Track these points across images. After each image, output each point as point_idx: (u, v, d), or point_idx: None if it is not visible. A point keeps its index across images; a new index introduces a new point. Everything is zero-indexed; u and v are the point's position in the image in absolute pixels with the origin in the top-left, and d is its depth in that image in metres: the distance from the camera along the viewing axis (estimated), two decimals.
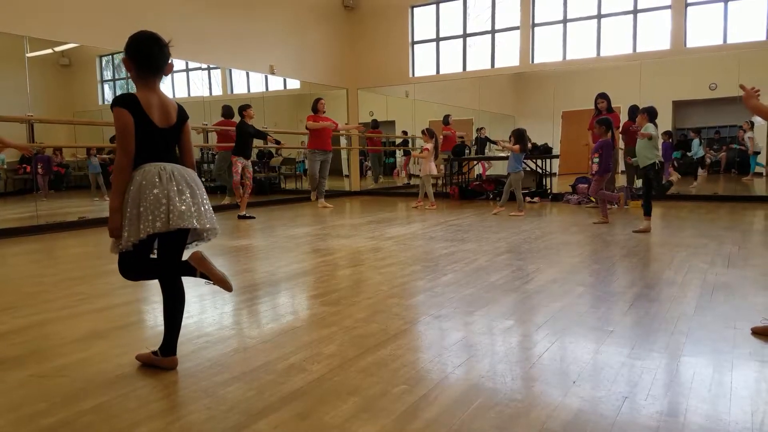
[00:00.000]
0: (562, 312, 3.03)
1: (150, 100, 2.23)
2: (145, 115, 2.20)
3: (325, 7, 12.08)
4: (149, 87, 2.27)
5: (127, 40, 2.26)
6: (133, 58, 2.24)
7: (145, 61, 2.24)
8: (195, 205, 2.21)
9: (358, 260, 4.69)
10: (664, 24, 10.01)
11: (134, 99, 2.19)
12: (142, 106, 2.20)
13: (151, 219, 2.12)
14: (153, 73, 2.27)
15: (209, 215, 2.28)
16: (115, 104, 2.17)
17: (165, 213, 2.13)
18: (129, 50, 2.25)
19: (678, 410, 1.87)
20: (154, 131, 2.22)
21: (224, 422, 1.85)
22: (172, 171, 2.21)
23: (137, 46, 2.24)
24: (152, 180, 2.15)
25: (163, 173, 2.17)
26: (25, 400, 2.08)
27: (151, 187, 2.13)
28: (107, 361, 2.45)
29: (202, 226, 2.24)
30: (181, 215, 2.14)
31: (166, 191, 2.14)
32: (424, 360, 2.39)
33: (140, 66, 2.25)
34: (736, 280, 3.68)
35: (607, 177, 6.87)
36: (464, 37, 12.01)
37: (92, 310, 3.27)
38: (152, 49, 2.25)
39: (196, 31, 9.42)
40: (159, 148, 2.24)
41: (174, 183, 2.18)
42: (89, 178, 10.80)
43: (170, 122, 2.29)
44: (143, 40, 2.25)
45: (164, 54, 2.27)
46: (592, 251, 4.91)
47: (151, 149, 2.22)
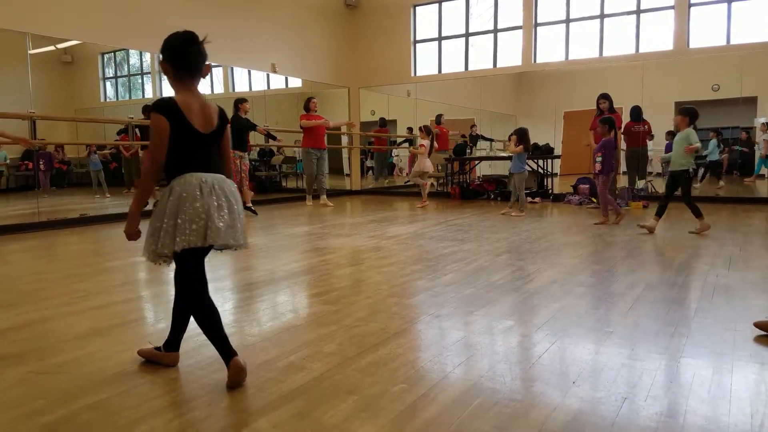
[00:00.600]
0: (562, 312, 3.03)
1: (190, 103, 2.13)
2: (186, 121, 2.10)
3: (327, 6, 12.07)
4: (188, 89, 2.17)
5: (164, 41, 2.18)
6: (170, 59, 2.16)
7: (183, 62, 2.16)
8: (231, 221, 2.13)
9: (359, 259, 4.69)
10: (667, 24, 9.99)
11: (173, 103, 2.09)
12: (182, 110, 2.10)
13: (188, 233, 2.04)
14: (191, 74, 2.18)
15: (242, 230, 2.21)
16: (152, 109, 2.08)
17: (203, 228, 2.06)
18: (166, 51, 2.17)
19: (677, 411, 1.87)
20: (195, 137, 2.12)
21: (224, 420, 1.85)
22: (213, 184, 2.11)
23: (174, 47, 2.16)
24: (193, 193, 2.06)
25: (204, 186, 2.08)
26: (25, 397, 2.08)
27: (192, 201, 2.05)
28: (107, 359, 2.45)
29: (236, 242, 2.17)
30: (218, 232, 2.07)
31: (207, 206, 2.06)
32: (423, 359, 2.39)
33: (178, 67, 2.16)
34: (737, 282, 3.68)
35: (611, 176, 6.85)
36: (466, 37, 12.00)
37: (92, 308, 3.27)
38: (190, 49, 2.16)
39: (197, 28, 9.34)
40: (200, 155, 2.14)
41: (214, 197, 2.09)
42: (91, 176, 10.81)
43: (212, 126, 2.19)
44: (180, 40, 2.15)
45: (201, 53, 2.18)
46: (592, 252, 4.91)
47: (192, 157, 2.12)
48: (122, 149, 10.79)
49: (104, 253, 5.28)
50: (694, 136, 5.64)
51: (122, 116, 10.02)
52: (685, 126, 5.71)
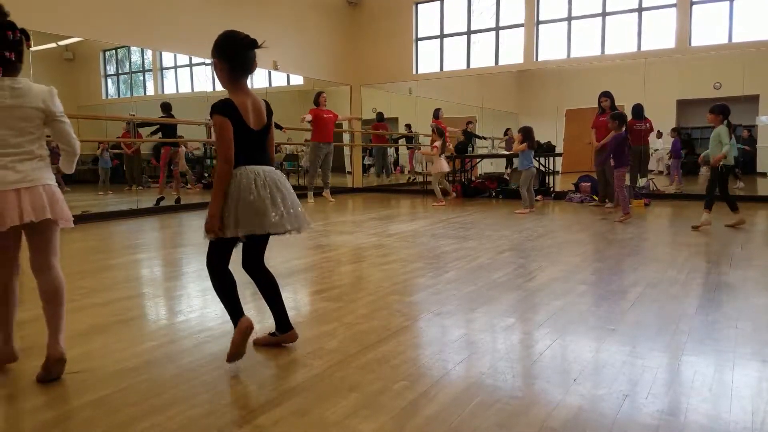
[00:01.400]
0: (564, 310, 3.03)
1: (245, 103, 2.25)
2: (243, 121, 2.22)
3: (328, 3, 12.05)
4: (242, 89, 2.27)
5: (217, 39, 2.24)
6: (228, 59, 2.23)
7: (240, 64, 2.24)
8: (286, 210, 2.30)
9: (360, 257, 4.69)
10: (669, 22, 9.96)
11: (232, 106, 2.20)
12: (240, 111, 2.22)
13: (248, 222, 2.21)
14: (246, 75, 2.29)
15: (297, 215, 2.36)
16: (215, 112, 2.19)
17: (260, 219, 2.22)
18: (224, 51, 2.23)
19: (679, 409, 1.87)
20: (250, 135, 2.26)
21: (225, 417, 1.85)
22: (266, 177, 2.27)
23: (234, 49, 2.22)
24: (249, 186, 2.22)
25: (258, 179, 2.24)
26: (25, 393, 2.08)
27: (248, 193, 2.21)
28: (108, 355, 2.45)
29: (292, 228, 2.33)
30: (274, 224, 2.25)
31: (262, 198, 2.23)
32: (424, 357, 2.39)
33: (235, 68, 2.24)
34: (739, 280, 3.67)
35: (626, 170, 6.87)
36: (468, 34, 11.98)
37: (94, 305, 3.28)
38: (243, 49, 2.22)
39: (199, 26, 9.41)
40: (254, 150, 2.29)
41: (268, 190, 2.26)
42: (99, 173, 10.83)
43: (263, 123, 2.32)
44: (241, 44, 2.22)
45: (253, 53, 2.26)
46: (594, 250, 4.91)
47: (248, 152, 2.27)
48: (124, 146, 10.80)
49: (106, 251, 5.28)
50: (725, 134, 5.66)
51: (124, 113, 10.03)
52: (718, 123, 5.74)
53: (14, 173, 2.05)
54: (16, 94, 2.06)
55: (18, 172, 2.06)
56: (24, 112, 2.08)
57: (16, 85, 2.07)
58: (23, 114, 2.08)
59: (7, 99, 2.04)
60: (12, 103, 2.05)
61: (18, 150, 2.07)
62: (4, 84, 2.05)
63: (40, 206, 2.08)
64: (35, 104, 2.10)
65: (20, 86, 2.08)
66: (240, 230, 2.22)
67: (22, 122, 2.08)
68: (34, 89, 2.11)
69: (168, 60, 10.61)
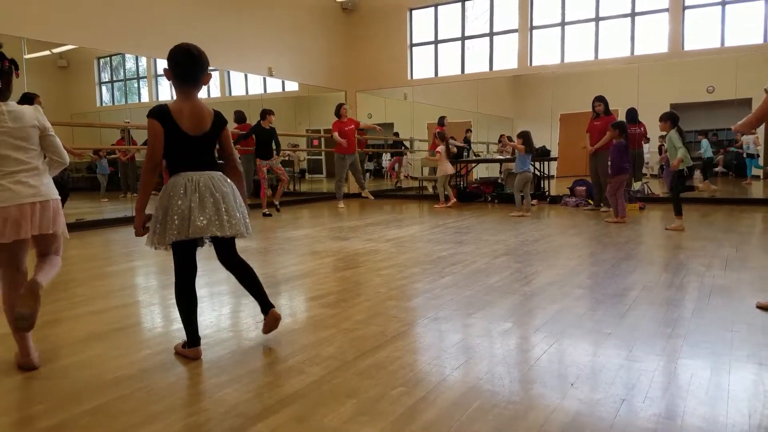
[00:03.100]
0: (561, 314, 3.04)
1: (182, 109, 2.35)
2: (175, 124, 2.32)
3: (323, 9, 12.09)
4: (185, 96, 2.39)
5: (168, 52, 2.37)
6: (170, 69, 2.38)
7: (179, 74, 2.37)
8: (217, 215, 2.35)
9: (357, 262, 4.69)
10: (662, 27, 10.03)
11: (165, 109, 2.33)
12: (173, 115, 2.32)
13: (174, 228, 2.30)
14: (189, 83, 2.39)
15: (234, 222, 2.41)
16: (148, 115, 2.32)
17: (186, 225, 2.30)
18: (168, 62, 2.39)
19: (676, 413, 1.87)
20: (183, 139, 2.34)
21: (222, 424, 1.85)
22: (198, 182, 2.34)
23: (173, 59, 2.36)
24: (178, 192, 2.31)
25: (188, 185, 2.32)
26: (24, 401, 2.07)
27: (176, 199, 2.30)
28: (106, 363, 2.44)
29: (222, 234, 2.39)
30: (200, 228, 2.31)
31: (189, 203, 2.30)
32: (422, 362, 2.39)
33: (176, 77, 2.37)
34: (734, 282, 3.69)
35: (622, 178, 6.98)
36: (462, 40, 12.03)
37: (90, 312, 3.27)
38: (187, 62, 2.36)
39: (194, 32, 9.41)
40: (190, 155, 2.38)
41: (197, 194, 2.32)
42: (99, 179, 10.81)
43: (203, 130, 2.39)
44: (179, 53, 2.35)
45: (199, 66, 2.37)
46: (590, 254, 4.92)
47: (183, 156, 2.37)
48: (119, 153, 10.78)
49: (102, 258, 5.26)
50: (676, 139, 5.96)
51: (118, 121, 10.01)
52: (668, 129, 6.06)
53: (28, 188, 2.26)
54: (13, 117, 2.26)
55: (31, 187, 2.27)
56: (24, 131, 2.29)
57: (11, 108, 2.27)
58: (24, 134, 2.29)
59: (8, 122, 2.24)
60: (13, 125, 2.26)
61: (26, 166, 2.28)
62: (2, 110, 2.25)
63: (50, 220, 2.32)
64: (32, 123, 2.31)
65: (15, 109, 2.28)
66: (167, 237, 2.30)
67: (24, 141, 2.29)
68: (25, 110, 2.31)
69: (162, 67, 10.61)
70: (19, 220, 2.21)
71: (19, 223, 2.21)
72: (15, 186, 2.23)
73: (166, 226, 2.30)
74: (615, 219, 6.91)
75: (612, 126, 7.20)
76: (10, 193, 2.22)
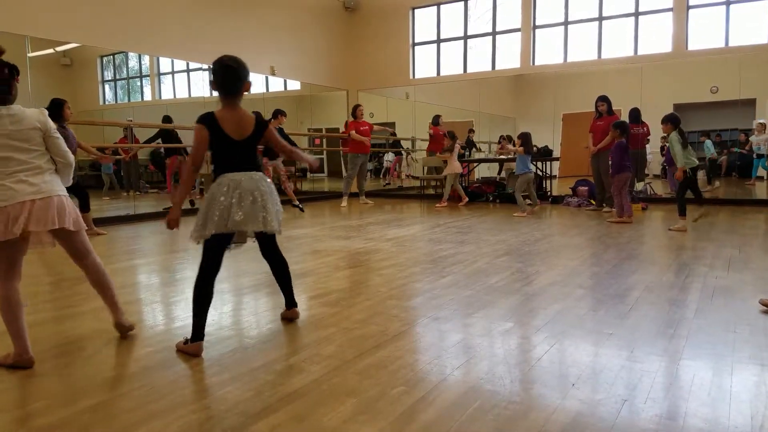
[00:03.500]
0: (562, 314, 3.03)
1: (227, 116, 2.57)
2: (221, 130, 2.54)
3: (325, 9, 12.08)
4: (228, 105, 2.62)
5: (212, 63, 2.62)
6: (214, 81, 2.62)
7: (221, 86, 2.60)
8: (254, 211, 2.56)
9: (358, 261, 4.69)
10: (666, 27, 10.01)
11: (212, 117, 2.55)
12: (219, 122, 2.54)
13: (213, 222, 2.50)
14: (230, 94, 2.61)
15: (270, 218, 2.63)
16: (197, 121, 2.55)
17: (225, 219, 2.50)
18: (212, 74, 2.64)
19: (677, 413, 1.87)
20: (228, 143, 2.57)
21: (223, 423, 1.85)
22: (240, 181, 2.56)
23: (216, 73, 2.61)
24: (221, 190, 2.53)
25: (231, 184, 2.54)
26: (24, 399, 2.08)
27: (219, 196, 2.52)
28: (107, 361, 2.45)
29: (257, 229, 2.63)
30: (235, 223, 2.52)
31: (230, 199, 2.52)
32: (422, 362, 2.39)
33: (219, 88, 2.61)
34: (736, 283, 3.68)
35: (624, 177, 7.00)
36: (465, 39, 12.02)
37: (92, 310, 3.27)
38: (226, 74, 2.60)
39: (196, 31, 9.42)
40: (234, 158, 2.60)
41: (238, 192, 2.53)
42: (103, 179, 10.83)
43: (245, 134, 2.61)
44: (220, 67, 2.59)
45: (238, 77, 2.60)
46: (591, 254, 4.91)
47: (228, 159, 2.59)
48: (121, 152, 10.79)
49: (104, 256, 5.26)
50: (674, 142, 6.05)
51: (121, 119, 10.02)
52: (669, 132, 6.15)
53: (29, 186, 2.35)
54: (14, 120, 2.36)
55: (32, 185, 2.36)
56: (25, 134, 2.38)
57: (11, 112, 2.37)
58: (24, 136, 2.38)
59: (8, 125, 2.35)
60: (12, 128, 2.36)
61: (27, 166, 2.38)
62: (2, 113, 2.34)
63: (54, 216, 2.38)
64: (32, 125, 2.40)
65: (15, 113, 2.37)
66: (207, 230, 2.50)
67: (25, 143, 2.38)
68: (28, 113, 2.41)
69: (165, 65, 10.62)
70: (17, 216, 2.28)
71: (17, 220, 2.28)
72: (16, 185, 2.32)
73: (206, 222, 2.51)
74: (617, 219, 6.90)
75: (613, 126, 7.24)
76: (11, 192, 2.31)
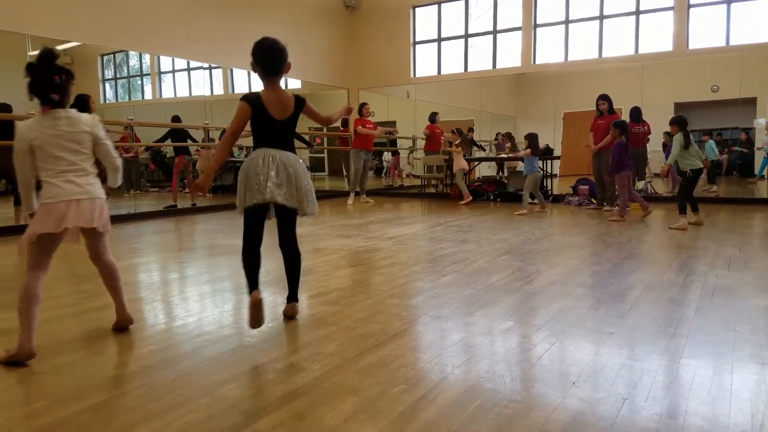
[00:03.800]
0: (562, 313, 3.03)
1: (270, 97, 2.71)
2: (266, 110, 2.70)
3: (326, 7, 12.08)
4: (271, 86, 2.75)
5: (253, 46, 2.69)
6: (257, 62, 2.71)
7: (265, 65, 2.71)
8: (287, 187, 2.72)
9: (358, 260, 4.69)
10: (667, 25, 10.00)
11: (257, 96, 2.70)
12: (264, 103, 2.69)
13: (251, 194, 2.68)
14: (273, 73, 2.73)
15: (300, 196, 2.77)
16: (241, 98, 2.68)
17: (263, 190, 2.66)
18: (253, 56, 2.71)
19: (678, 412, 1.87)
20: (271, 123, 2.72)
21: (223, 421, 1.85)
22: (274, 156, 2.70)
23: (259, 53, 2.69)
24: (257, 162, 2.68)
25: (266, 157, 2.68)
26: (24, 397, 2.08)
27: (254, 168, 2.67)
28: (107, 360, 2.45)
29: (289, 204, 2.76)
30: (270, 192, 2.66)
31: (267, 170, 2.66)
32: (423, 360, 2.39)
33: (261, 69, 2.71)
34: (737, 282, 3.68)
35: (624, 175, 7.07)
36: (466, 38, 12.01)
37: (93, 309, 3.27)
38: (271, 54, 2.70)
39: (197, 30, 9.42)
40: (273, 136, 2.75)
41: (274, 166, 2.68)
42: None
43: (288, 114, 2.77)
44: (263, 49, 2.69)
45: (281, 57, 2.71)
46: (592, 253, 4.91)
47: (267, 137, 2.75)
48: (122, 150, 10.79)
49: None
50: (675, 141, 6.22)
51: (122, 118, 10.02)
52: (676, 133, 6.29)
53: (76, 186, 2.52)
54: (70, 122, 2.54)
55: (78, 186, 2.53)
56: (78, 136, 2.55)
57: (69, 115, 2.55)
58: (77, 138, 2.55)
59: (65, 126, 2.52)
60: (68, 129, 2.53)
61: (75, 167, 2.54)
62: (60, 115, 2.52)
63: (92, 215, 2.57)
64: (84, 129, 2.58)
65: (72, 116, 2.56)
66: (247, 201, 2.67)
67: (77, 144, 2.56)
68: (83, 117, 2.60)
69: (166, 64, 10.62)
70: (65, 213, 2.46)
71: (61, 217, 2.46)
72: (64, 184, 2.49)
73: (245, 192, 2.68)
74: (617, 218, 6.91)
75: (613, 125, 7.34)
76: (59, 190, 2.48)
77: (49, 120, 2.50)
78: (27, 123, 2.52)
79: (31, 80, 2.51)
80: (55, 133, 2.49)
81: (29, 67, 2.51)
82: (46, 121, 2.50)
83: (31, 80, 2.51)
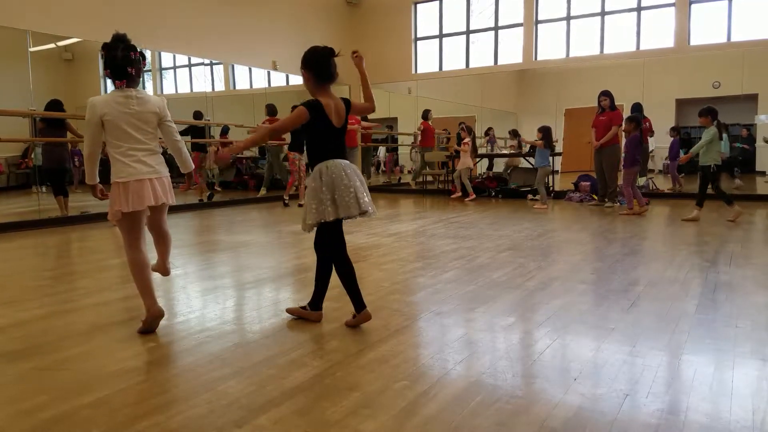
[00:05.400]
0: (564, 309, 3.03)
1: (329, 104, 2.68)
2: (327, 118, 2.65)
3: (327, 3, 12.05)
4: (327, 93, 2.72)
5: (306, 54, 2.70)
6: (312, 70, 2.68)
7: (323, 73, 2.69)
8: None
9: (360, 256, 4.69)
10: (668, 22, 9.98)
11: (319, 104, 2.64)
12: (325, 110, 2.64)
13: (345, 206, 2.62)
14: (329, 81, 2.71)
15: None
16: (302, 103, 2.64)
17: (355, 201, 2.64)
18: (308, 63, 2.69)
19: (679, 408, 1.87)
20: (332, 130, 2.69)
21: (225, 417, 1.85)
22: (348, 166, 2.68)
23: (317, 61, 2.68)
24: (341, 174, 2.64)
25: (347, 169, 2.66)
26: (26, 393, 2.08)
27: (340, 180, 2.63)
28: (108, 355, 2.45)
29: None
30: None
31: (353, 184, 2.65)
32: (424, 356, 2.39)
33: (319, 76, 2.69)
34: (738, 279, 3.67)
35: (634, 171, 7.11)
36: (467, 34, 11.99)
37: (94, 305, 3.28)
38: (328, 62, 2.69)
39: (198, 26, 9.41)
40: (335, 144, 2.72)
41: (356, 178, 2.68)
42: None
43: (343, 120, 2.74)
44: (322, 55, 2.69)
45: (334, 64, 2.72)
46: (594, 249, 4.91)
47: (330, 145, 2.70)
48: None
49: (105, 251, 5.28)
50: (708, 134, 6.06)
51: None
52: (709, 124, 6.13)
53: (146, 166, 2.66)
54: (140, 102, 2.65)
55: (149, 165, 2.67)
56: (146, 116, 2.66)
57: (139, 95, 2.65)
58: (146, 118, 2.66)
59: (135, 106, 2.63)
60: (139, 109, 2.64)
61: (145, 146, 2.67)
62: (131, 94, 2.63)
63: (165, 191, 2.75)
64: (153, 110, 2.69)
65: (142, 96, 2.66)
66: (340, 213, 2.62)
67: (145, 124, 2.66)
68: (152, 98, 2.71)
69: (167, 60, 10.61)
70: (140, 192, 2.61)
71: (141, 195, 2.61)
72: (136, 164, 2.62)
73: (337, 204, 2.62)
74: (627, 212, 6.95)
75: (627, 119, 7.38)
76: (132, 169, 2.61)
77: (121, 97, 2.61)
78: (101, 97, 2.61)
79: (108, 55, 2.59)
80: (127, 111, 2.60)
81: (105, 46, 2.60)
82: (119, 98, 2.60)
83: (108, 55, 2.59)
